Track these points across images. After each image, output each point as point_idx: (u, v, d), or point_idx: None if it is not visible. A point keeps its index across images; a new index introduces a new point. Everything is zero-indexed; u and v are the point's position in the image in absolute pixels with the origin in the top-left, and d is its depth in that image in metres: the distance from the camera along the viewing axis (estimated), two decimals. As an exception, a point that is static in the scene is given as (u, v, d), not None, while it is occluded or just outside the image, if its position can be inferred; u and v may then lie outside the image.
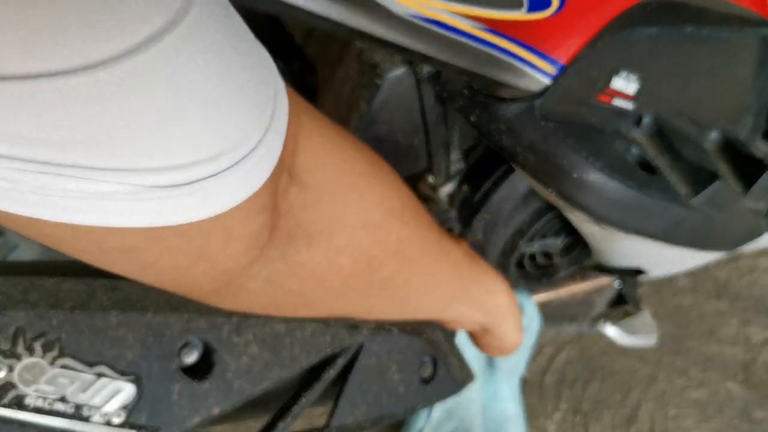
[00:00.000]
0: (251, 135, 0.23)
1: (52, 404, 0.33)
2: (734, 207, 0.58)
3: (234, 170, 0.22)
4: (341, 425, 0.45)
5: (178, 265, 0.25)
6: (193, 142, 0.20)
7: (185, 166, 0.20)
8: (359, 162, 0.35)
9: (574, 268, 0.81)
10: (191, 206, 0.22)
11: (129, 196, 0.20)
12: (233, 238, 0.25)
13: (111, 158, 0.19)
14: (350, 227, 0.33)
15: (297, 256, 0.31)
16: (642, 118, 0.53)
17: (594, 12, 0.45)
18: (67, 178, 0.19)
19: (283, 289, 0.33)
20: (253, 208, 0.25)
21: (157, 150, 0.20)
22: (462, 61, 0.43)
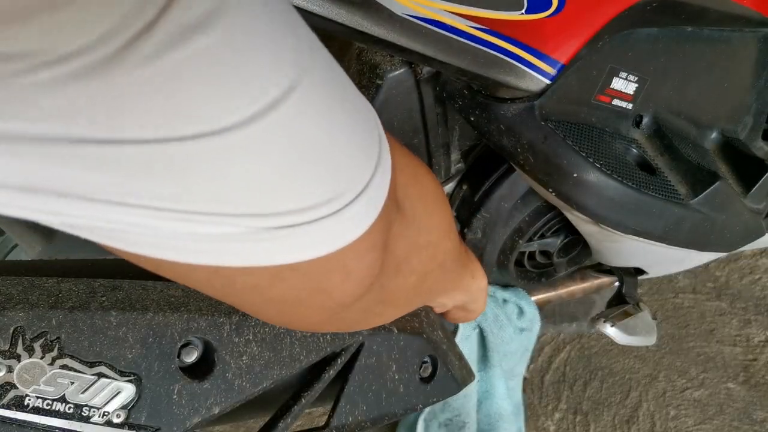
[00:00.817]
0: (360, 179, 0.25)
1: (51, 404, 0.33)
2: (734, 207, 0.58)
3: (345, 211, 0.24)
4: (341, 425, 0.44)
5: (300, 299, 0.28)
6: (301, 192, 0.22)
7: (297, 211, 0.23)
8: (428, 185, 0.37)
9: (573, 267, 0.81)
10: (309, 244, 0.24)
11: (248, 236, 0.22)
12: (350, 274, 0.28)
13: (233, 206, 0.21)
14: (420, 248, 0.36)
15: (388, 283, 0.33)
16: (642, 118, 0.53)
17: (593, 12, 0.45)
18: (194, 224, 0.21)
19: (371, 312, 0.35)
20: (366, 245, 0.27)
21: (273, 198, 0.22)
22: (462, 62, 0.43)
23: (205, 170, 0.20)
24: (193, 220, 0.21)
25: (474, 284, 0.51)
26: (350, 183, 0.24)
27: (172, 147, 0.19)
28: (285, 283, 0.26)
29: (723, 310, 1.22)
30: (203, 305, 0.38)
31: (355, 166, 0.25)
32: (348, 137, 0.24)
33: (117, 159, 0.18)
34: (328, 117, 0.23)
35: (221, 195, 0.21)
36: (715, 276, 1.27)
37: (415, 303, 0.43)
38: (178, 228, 0.21)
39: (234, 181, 0.21)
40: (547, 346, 1.14)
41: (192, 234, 0.21)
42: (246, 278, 0.25)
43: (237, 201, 0.21)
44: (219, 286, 0.26)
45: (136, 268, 0.44)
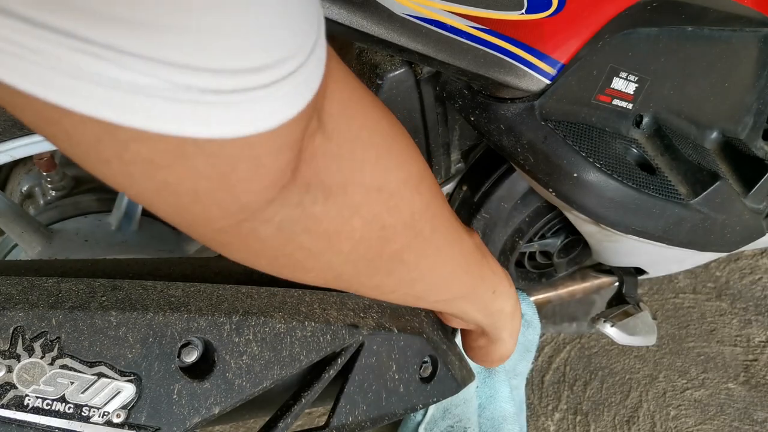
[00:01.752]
0: (297, 53, 0.21)
1: (51, 404, 0.33)
2: (734, 207, 0.58)
3: (273, 87, 0.21)
4: (341, 425, 0.44)
5: (198, 190, 0.24)
6: (242, 47, 0.19)
7: (229, 72, 0.19)
8: (381, 122, 0.33)
9: (573, 268, 0.81)
10: (225, 119, 0.20)
11: (164, 92, 0.19)
12: (260, 170, 0.24)
13: (158, 47, 0.18)
14: (366, 187, 0.32)
15: (312, 207, 0.30)
16: (642, 118, 0.53)
17: (593, 12, 0.45)
18: (106, 62, 0.17)
19: (294, 242, 0.31)
20: (285, 139, 0.24)
21: (201, 48, 0.19)
22: (462, 62, 0.43)
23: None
24: (102, 56, 0.17)
25: (494, 302, 0.47)
26: (288, 53, 0.21)
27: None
28: (184, 164, 0.22)
29: (723, 310, 1.22)
30: (203, 305, 0.38)
31: (296, 37, 0.21)
32: (293, 3, 0.21)
33: None
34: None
35: (151, 25, 0.17)
36: (716, 276, 1.27)
37: (384, 273, 0.37)
38: (82, 63, 0.17)
39: (173, 8, 0.17)
40: (547, 346, 1.14)
41: (96, 74, 0.18)
42: (141, 147, 0.21)
43: (164, 35, 0.18)
44: (108, 153, 0.21)
45: (136, 268, 0.44)
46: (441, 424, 0.65)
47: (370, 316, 0.46)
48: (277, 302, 0.41)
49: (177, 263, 0.45)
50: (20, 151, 0.55)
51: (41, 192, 0.77)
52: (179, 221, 0.27)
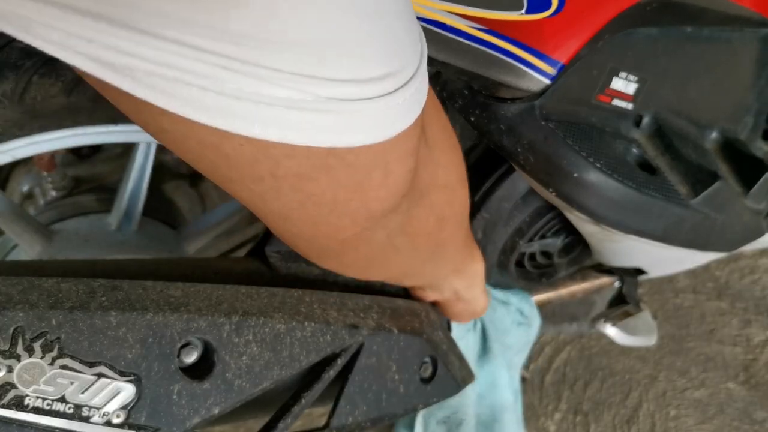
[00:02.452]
0: (412, 63, 0.24)
1: (51, 405, 0.33)
2: (734, 207, 0.58)
3: (397, 95, 0.23)
4: (341, 425, 0.44)
5: (337, 200, 0.26)
6: (372, 57, 0.21)
7: (363, 81, 0.21)
8: (447, 125, 0.37)
9: (574, 268, 0.81)
10: (362, 126, 0.23)
11: (311, 105, 0.21)
12: (389, 177, 0.27)
13: (303, 63, 0.20)
14: (439, 187, 0.35)
15: (412, 210, 0.32)
16: (642, 118, 0.53)
17: (593, 12, 0.45)
18: (261, 81, 0.19)
19: (392, 245, 0.34)
20: (408, 145, 0.26)
21: (342, 59, 0.20)
22: (462, 62, 0.43)
23: (290, 3, 0.18)
24: (260, 76, 0.19)
25: (472, 266, 0.50)
26: (406, 63, 0.23)
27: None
28: (328, 174, 0.25)
29: (723, 310, 1.22)
30: (203, 305, 0.38)
31: (411, 50, 0.24)
32: (409, 20, 0.24)
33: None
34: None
35: (297, 43, 0.19)
36: (716, 276, 1.27)
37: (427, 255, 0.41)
38: (244, 84, 0.19)
39: (312, 23, 0.19)
40: (547, 346, 1.14)
41: (256, 94, 0.19)
42: (293, 162, 0.23)
43: (311, 54, 0.20)
44: (262, 171, 0.24)
45: (136, 268, 0.44)
46: (438, 414, 0.65)
47: (370, 317, 0.46)
48: (277, 302, 0.41)
49: (177, 263, 0.45)
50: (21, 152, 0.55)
51: (41, 192, 0.77)
52: (308, 235, 0.29)
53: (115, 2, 0.17)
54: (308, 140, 0.22)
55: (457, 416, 0.64)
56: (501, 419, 0.68)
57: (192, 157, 0.24)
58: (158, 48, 0.18)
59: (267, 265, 0.48)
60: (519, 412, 0.71)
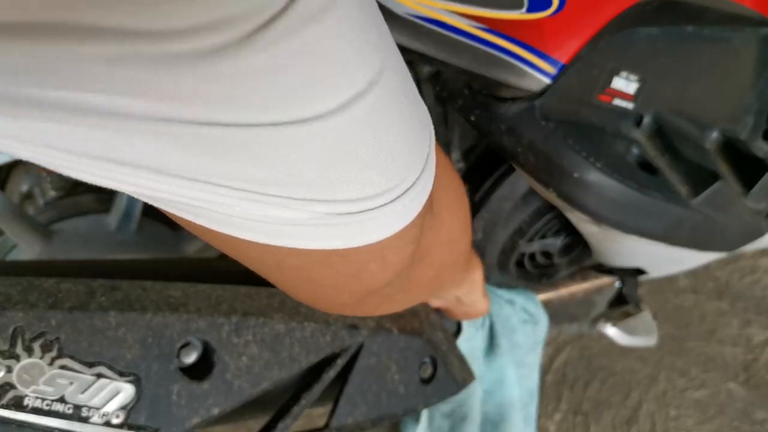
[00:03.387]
0: (412, 174, 0.26)
1: (50, 405, 0.32)
2: (735, 207, 0.58)
3: (397, 203, 0.25)
4: (341, 425, 0.44)
5: (336, 284, 0.29)
6: (368, 180, 0.24)
7: (360, 199, 0.24)
8: (454, 179, 0.38)
9: (574, 268, 0.81)
10: (359, 233, 0.25)
11: (311, 221, 0.23)
12: (386, 265, 0.29)
13: (307, 191, 0.22)
14: (442, 243, 0.37)
15: (411, 272, 0.34)
16: (642, 118, 0.53)
17: (594, 12, 0.45)
18: (269, 206, 0.22)
19: (391, 299, 0.36)
20: (407, 238, 0.28)
21: (339, 186, 0.23)
22: (462, 61, 0.43)
23: (291, 154, 0.21)
24: (269, 202, 0.22)
25: (470, 275, 0.51)
26: (406, 175, 0.25)
27: (271, 131, 0.20)
28: (328, 267, 0.27)
29: (723, 310, 1.22)
30: (203, 306, 0.38)
31: (412, 159, 0.26)
32: (411, 130, 0.25)
33: (217, 140, 0.19)
34: (398, 110, 0.24)
35: (299, 180, 0.22)
36: (716, 276, 1.26)
37: (426, 294, 0.44)
38: (253, 209, 0.22)
39: (313, 166, 0.22)
40: (547, 346, 1.14)
41: (264, 215, 0.22)
42: (295, 259, 0.26)
43: (311, 186, 0.22)
44: (268, 263, 0.27)
45: (136, 268, 0.44)
46: (443, 408, 0.65)
47: (370, 317, 0.45)
48: (277, 303, 0.41)
49: (176, 263, 0.45)
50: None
51: (41, 192, 0.77)
52: (313, 301, 0.33)
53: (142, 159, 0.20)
54: (307, 246, 0.25)
55: (462, 410, 0.64)
56: (508, 417, 0.67)
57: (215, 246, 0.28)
58: (202, 190, 0.21)
59: (267, 265, 0.48)
60: (531, 411, 0.71)
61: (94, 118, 0.18)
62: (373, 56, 0.21)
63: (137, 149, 0.19)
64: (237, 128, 0.19)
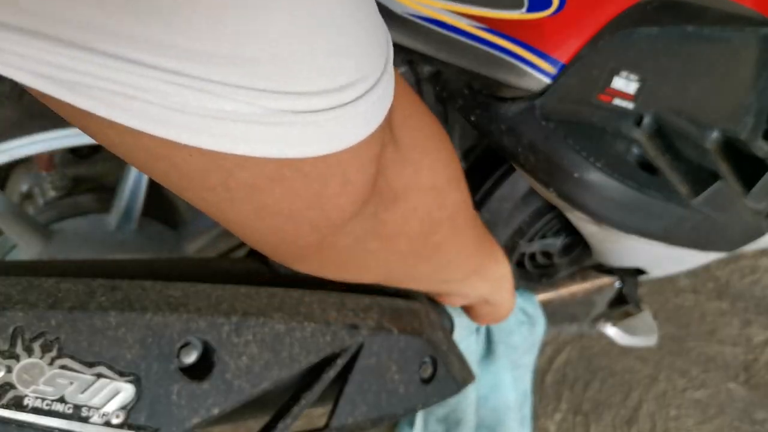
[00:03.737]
0: (373, 71, 0.23)
1: (50, 405, 0.32)
2: (735, 207, 0.58)
3: (357, 104, 0.22)
4: (341, 425, 0.44)
5: (293, 210, 0.26)
6: (326, 69, 0.21)
7: (317, 93, 0.21)
8: (432, 125, 0.35)
9: (574, 268, 0.81)
10: (317, 138, 0.22)
11: (262, 118, 0.20)
12: (348, 186, 0.26)
13: (252, 77, 0.19)
14: (423, 189, 0.34)
15: (383, 214, 0.32)
16: (642, 118, 0.53)
17: (594, 11, 0.45)
18: (207, 95, 0.19)
19: (364, 248, 0.33)
20: (368, 153, 0.26)
21: (293, 73, 0.20)
22: (462, 61, 0.43)
23: (241, 22, 0.18)
24: (207, 89, 0.19)
25: (497, 270, 0.50)
26: (366, 72, 0.22)
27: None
28: (283, 185, 0.24)
29: (724, 310, 1.22)
30: (203, 305, 0.38)
31: (372, 56, 0.23)
32: (369, 22, 0.23)
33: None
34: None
35: (250, 61, 0.19)
36: (716, 276, 1.26)
37: (424, 261, 0.41)
38: (190, 97, 0.19)
39: (267, 42, 0.19)
40: (547, 346, 1.14)
41: (202, 107, 0.19)
42: (245, 174, 0.23)
43: (260, 67, 0.19)
44: (213, 183, 0.23)
45: (136, 268, 0.44)
46: (437, 412, 0.65)
47: (370, 317, 0.45)
48: (277, 303, 0.41)
49: (176, 263, 0.45)
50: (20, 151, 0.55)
51: (40, 192, 0.77)
52: (270, 241, 0.29)
53: (48, 18, 0.16)
54: (259, 152, 0.21)
55: (455, 414, 0.64)
56: (504, 421, 0.67)
57: (144, 168, 0.23)
58: (95, 63, 0.17)
59: (267, 265, 0.48)
60: (526, 412, 0.71)
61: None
62: None
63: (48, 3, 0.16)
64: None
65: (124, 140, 0.21)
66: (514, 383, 0.69)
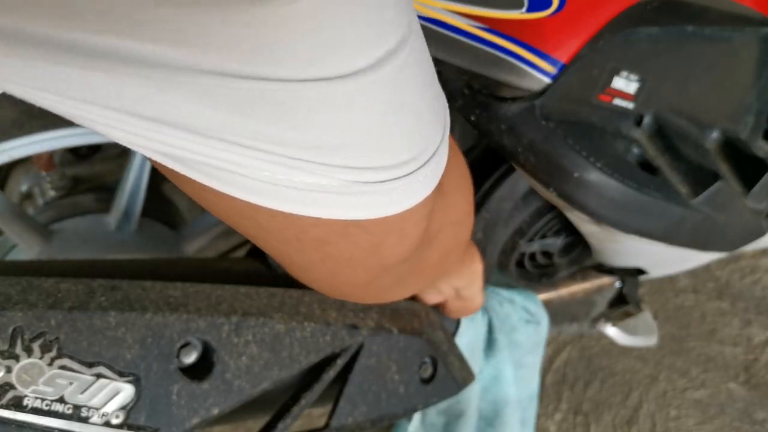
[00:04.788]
0: (433, 144, 0.26)
1: (50, 405, 0.32)
2: (735, 207, 0.58)
3: (417, 174, 0.25)
4: (341, 425, 0.44)
5: (353, 258, 0.29)
6: (394, 148, 0.23)
7: (384, 168, 0.23)
8: (461, 164, 0.38)
9: (574, 268, 0.81)
10: (379, 203, 0.25)
11: (336, 188, 0.23)
12: (404, 239, 0.29)
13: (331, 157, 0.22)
14: (448, 225, 0.37)
15: (423, 253, 0.34)
16: (643, 118, 0.52)
17: (594, 11, 0.45)
18: (297, 171, 0.22)
19: (401, 282, 0.36)
20: (423, 211, 0.28)
21: (366, 153, 0.23)
22: (462, 61, 0.43)
23: (322, 114, 0.20)
24: (294, 166, 0.21)
25: (471, 267, 0.51)
26: (428, 144, 0.25)
27: (309, 87, 0.19)
28: (348, 239, 0.27)
29: (724, 310, 1.21)
30: (202, 306, 0.38)
31: (433, 128, 0.26)
32: (434, 97, 0.25)
33: (251, 95, 0.19)
34: (423, 75, 0.24)
35: (328, 142, 0.21)
36: (716, 276, 1.26)
37: (432, 279, 0.44)
38: (278, 172, 0.21)
39: (343, 129, 0.21)
40: (547, 346, 1.14)
41: (288, 180, 0.22)
42: (317, 230, 0.26)
43: (340, 151, 0.22)
44: (289, 237, 0.26)
45: (135, 268, 0.44)
46: (438, 404, 0.65)
47: (370, 317, 0.45)
48: (277, 303, 0.41)
49: (176, 263, 0.45)
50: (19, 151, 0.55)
51: (40, 192, 0.77)
52: (328, 281, 0.33)
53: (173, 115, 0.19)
54: (330, 215, 0.24)
55: (458, 407, 0.64)
56: (503, 415, 0.67)
57: (231, 223, 0.27)
58: (207, 145, 0.20)
59: (266, 265, 0.48)
60: (530, 414, 0.71)
61: (143, 68, 0.17)
62: (402, 14, 0.21)
63: (170, 102, 0.19)
64: (273, 83, 0.18)
65: (219, 202, 0.25)
66: (517, 381, 0.68)
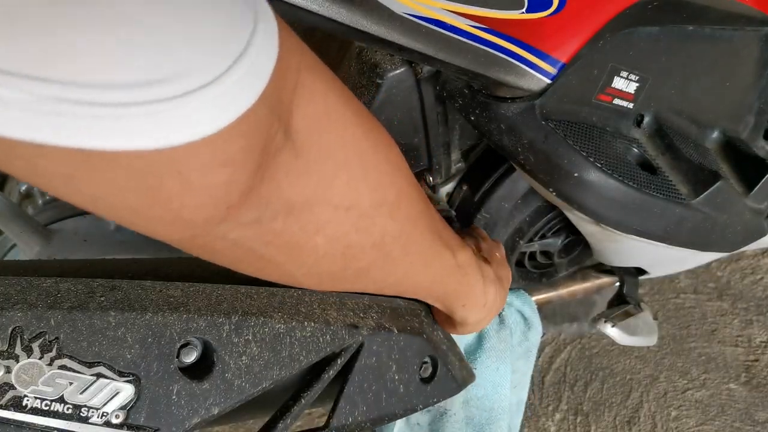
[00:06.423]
0: (210, 64, 0.20)
1: (50, 405, 0.32)
2: (735, 207, 0.58)
3: (183, 101, 0.20)
4: (341, 425, 0.44)
5: (131, 206, 0.23)
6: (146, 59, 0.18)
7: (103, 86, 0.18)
8: (361, 140, 0.32)
9: (574, 268, 0.81)
10: (128, 131, 0.20)
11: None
12: (190, 185, 0.23)
13: (50, 67, 0.17)
14: (334, 206, 0.31)
15: (272, 223, 0.29)
16: (643, 118, 0.52)
17: (594, 11, 0.45)
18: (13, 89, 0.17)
19: (254, 253, 0.31)
20: (214, 156, 0.22)
21: (102, 63, 0.18)
22: (462, 61, 0.43)
23: None
24: (10, 84, 0.17)
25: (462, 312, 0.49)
26: (197, 63, 0.19)
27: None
28: (100, 175, 0.21)
29: (724, 310, 1.21)
30: (202, 305, 0.38)
31: (213, 41, 0.20)
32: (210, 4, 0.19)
33: None
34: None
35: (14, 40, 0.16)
36: (717, 276, 1.26)
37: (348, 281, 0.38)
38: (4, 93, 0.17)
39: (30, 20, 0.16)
40: (547, 346, 1.14)
41: (15, 100, 0.17)
42: (46, 163, 0.20)
43: (28, 54, 0.17)
44: (21, 166, 0.21)
45: (135, 268, 0.44)
46: None
47: (370, 317, 0.45)
48: (277, 302, 0.41)
49: (176, 263, 0.45)
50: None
51: (40, 192, 0.77)
52: (140, 230, 0.26)
53: None
54: (58, 142, 0.19)
55: (441, 406, 0.64)
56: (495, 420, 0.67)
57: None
58: None
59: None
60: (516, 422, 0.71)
61: None
62: None
63: None
64: None
65: None
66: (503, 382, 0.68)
